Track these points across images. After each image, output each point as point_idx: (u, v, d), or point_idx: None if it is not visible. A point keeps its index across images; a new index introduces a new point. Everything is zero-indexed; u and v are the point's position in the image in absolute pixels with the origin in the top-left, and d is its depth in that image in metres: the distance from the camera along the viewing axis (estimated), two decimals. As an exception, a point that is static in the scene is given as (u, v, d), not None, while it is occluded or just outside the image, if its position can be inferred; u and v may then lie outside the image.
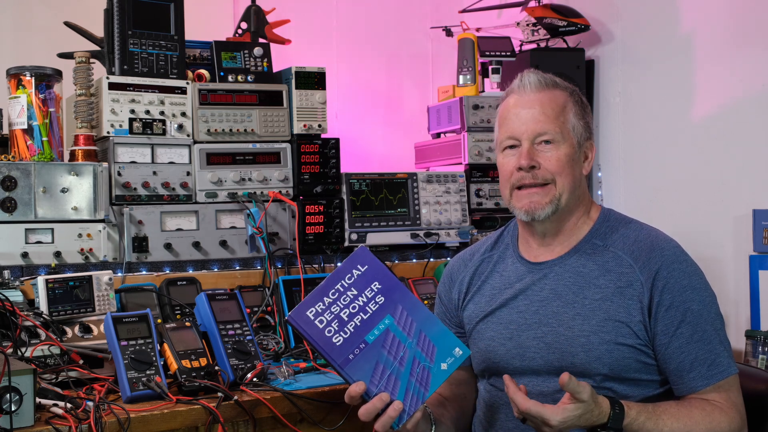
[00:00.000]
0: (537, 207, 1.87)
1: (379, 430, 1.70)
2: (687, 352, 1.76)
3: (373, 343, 1.73)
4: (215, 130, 2.82)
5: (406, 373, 1.72)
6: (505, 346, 1.90)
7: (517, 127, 1.88)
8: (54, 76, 2.67)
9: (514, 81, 1.94)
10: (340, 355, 1.72)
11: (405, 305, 1.77)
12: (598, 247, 1.89)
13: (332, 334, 1.73)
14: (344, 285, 1.77)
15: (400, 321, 1.76)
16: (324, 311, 1.75)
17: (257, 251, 2.76)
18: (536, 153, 1.87)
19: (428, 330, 1.76)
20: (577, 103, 1.92)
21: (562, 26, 3.41)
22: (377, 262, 1.81)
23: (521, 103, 1.90)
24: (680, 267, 1.81)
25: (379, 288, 1.78)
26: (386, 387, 1.70)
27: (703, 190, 3.08)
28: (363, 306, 1.76)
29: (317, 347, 1.74)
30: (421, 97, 4.03)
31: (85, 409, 1.78)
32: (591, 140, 1.95)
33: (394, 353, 1.73)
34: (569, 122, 1.89)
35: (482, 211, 3.26)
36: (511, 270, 1.98)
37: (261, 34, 3.11)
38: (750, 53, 2.95)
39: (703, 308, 1.79)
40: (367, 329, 1.74)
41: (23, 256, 2.47)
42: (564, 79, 1.97)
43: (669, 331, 1.77)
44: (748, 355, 2.70)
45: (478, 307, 1.99)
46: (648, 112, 3.33)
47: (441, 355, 1.75)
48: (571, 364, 1.81)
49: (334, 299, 1.76)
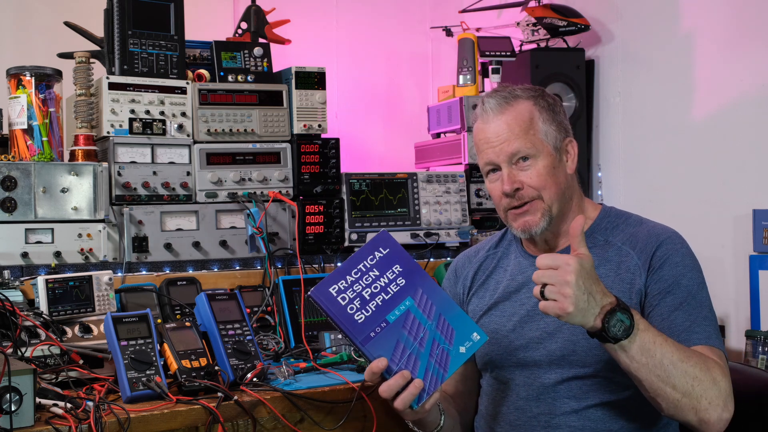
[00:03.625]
0: (531, 225, 1.89)
1: (399, 407, 1.71)
2: (668, 318, 1.77)
3: (394, 323, 1.75)
4: (215, 130, 2.82)
5: (426, 353, 1.73)
6: (508, 338, 1.92)
7: (491, 154, 1.90)
8: (54, 76, 2.67)
9: (477, 108, 1.96)
10: (362, 333, 1.73)
11: (425, 288, 1.79)
12: (599, 242, 1.91)
13: (354, 311, 1.75)
14: (366, 266, 1.80)
15: (420, 303, 1.78)
16: (346, 289, 1.77)
17: (257, 251, 2.76)
18: (516, 174, 1.88)
19: (447, 313, 1.78)
20: (543, 109, 1.91)
21: (562, 26, 3.41)
22: (398, 245, 1.83)
23: (487, 129, 1.91)
24: (675, 247, 1.84)
25: (400, 270, 1.80)
26: (406, 365, 1.72)
27: (703, 190, 3.08)
28: (384, 287, 1.78)
29: (338, 324, 1.75)
30: (421, 97, 4.03)
31: (85, 409, 1.78)
32: (569, 137, 1.95)
33: (414, 334, 1.75)
34: (540, 132, 1.89)
35: (482, 211, 3.26)
36: (514, 264, 2.01)
37: (261, 34, 3.11)
38: (750, 53, 2.95)
39: (692, 285, 1.80)
40: (388, 309, 1.76)
41: (23, 256, 2.47)
42: (525, 84, 1.98)
43: (654, 301, 1.79)
44: (748, 355, 2.70)
45: (482, 300, 2.01)
46: (648, 111, 3.33)
47: (459, 339, 1.77)
48: (573, 352, 1.83)
49: (356, 278, 1.78)
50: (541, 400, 1.86)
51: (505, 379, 1.94)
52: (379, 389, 1.73)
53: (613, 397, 1.82)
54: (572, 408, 1.83)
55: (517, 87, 1.95)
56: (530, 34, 3.50)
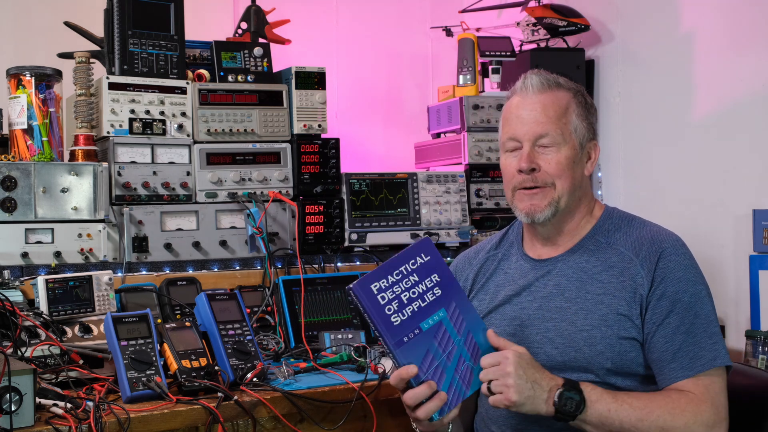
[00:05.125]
0: (536, 210, 1.88)
1: (421, 417, 1.71)
2: (671, 342, 1.76)
3: (427, 332, 1.73)
4: (215, 130, 2.82)
5: (452, 367, 1.73)
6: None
7: (518, 129, 1.89)
8: (54, 76, 2.67)
9: (518, 82, 1.95)
10: (396, 336, 1.71)
11: (458, 302, 1.78)
12: (601, 244, 1.90)
13: (392, 312, 1.73)
14: (408, 269, 1.77)
15: (453, 317, 1.77)
16: (387, 289, 1.74)
17: (257, 251, 2.76)
18: (537, 155, 1.87)
19: (475, 332, 1.77)
20: (580, 104, 1.92)
21: (562, 26, 3.41)
22: (439, 255, 1.82)
23: (523, 105, 1.90)
24: (677, 259, 1.82)
25: (437, 280, 1.78)
26: (433, 376, 1.71)
27: (703, 190, 3.08)
28: (422, 293, 1.76)
29: (374, 322, 1.72)
30: (421, 97, 4.03)
31: (85, 409, 1.78)
32: (595, 140, 1.95)
33: (443, 346, 1.74)
34: (571, 124, 1.89)
35: (482, 211, 3.26)
36: (515, 267, 1.99)
37: (261, 34, 3.11)
38: (750, 53, 2.94)
39: (695, 301, 1.79)
40: (423, 317, 1.74)
41: (23, 256, 2.47)
42: (568, 79, 1.97)
43: (656, 320, 1.78)
44: (748, 355, 2.69)
45: (482, 303, 2.00)
46: (648, 111, 3.33)
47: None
48: (573, 358, 1.82)
49: (397, 279, 1.75)
50: None
51: None
52: (404, 395, 1.72)
53: None
54: None
55: (560, 77, 1.94)
56: (530, 34, 3.50)
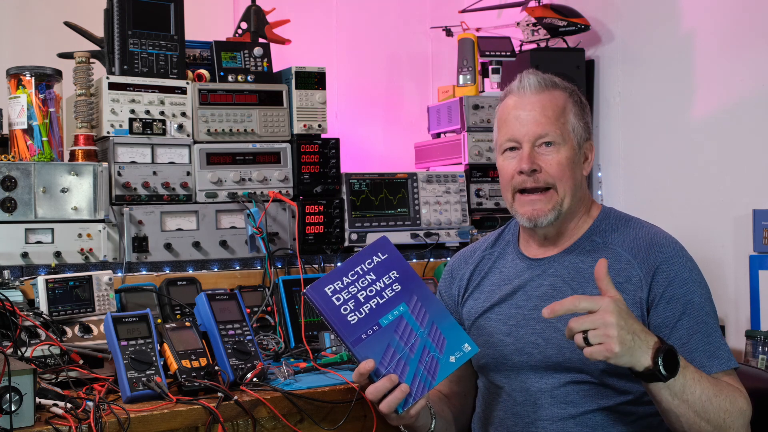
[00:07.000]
0: (540, 214, 1.87)
1: (384, 411, 1.71)
2: (688, 343, 1.75)
3: (386, 327, 1.76)
4: (215, 130, 2.82)
5: (416, 359, 1.74)
6: (504, 342, 1.90)
7: (517, 130, 1.88)
8: (54, 76, 2.67)
9: (513, 82, 1.94)
10: (353, 334, 1.75)
11: (420, 296, 1.80)
12: (597, 245, 1.89)
13: (347, 312, 1.76)
14: (363, 269, 1.81)
15: (414, 310, 1.78)
16: (342, 290, 1.78)
17: (257, 251, 2.76)
18: (537, 156, 1.86)
19: (440, 322, 1.78)
20: (576, 104, 1.91)
21: (562, 26, 3.41)
22: (397, 252, 1.84)
23: (521, 105, 1.89)
24: (681, 261, 1.81)
25: (396, 276, 1.81)
26: (395, 370, 1.72)
27: (703, 190, 3.08)
28: (380, 291, 1.79)
29: (331, 324, 1.76)
30: (421, 97, 4.03)
31: (85, 409, 1.78)
32: (590, 140, 1.95)
33: (405, 339, 1.76)
34: (569, 123, 1.88)
35: (482, 211, 3.26)
36: (511, 266, 1.99)
37: (261, 34, 3.11)
38: (750, 53, 2.95)
39: (704, 302, 1.79)
40: (381, 313, 1.77)
41: (23, 256, 2.47)
42: (563, 78, 1.96)
43: (670, 323, 1.77)
44: (748, 355, 2.69)
45: (477, 303, 1.99)
46: (648, 112, 3.33)
47: (450, 348, 1.77)
48: (568, 359, 1.81)
49: (352, 280, 1.79)
50: (537, 406, 1.84)
51: (501, 383, 1.92)
52: (366, 391, 1.73)
53: (610, 402, 1.80)
54: (570, 414, 1.81)
55: (555, 77, 1.94)
56: (530, 34, 3.50)
